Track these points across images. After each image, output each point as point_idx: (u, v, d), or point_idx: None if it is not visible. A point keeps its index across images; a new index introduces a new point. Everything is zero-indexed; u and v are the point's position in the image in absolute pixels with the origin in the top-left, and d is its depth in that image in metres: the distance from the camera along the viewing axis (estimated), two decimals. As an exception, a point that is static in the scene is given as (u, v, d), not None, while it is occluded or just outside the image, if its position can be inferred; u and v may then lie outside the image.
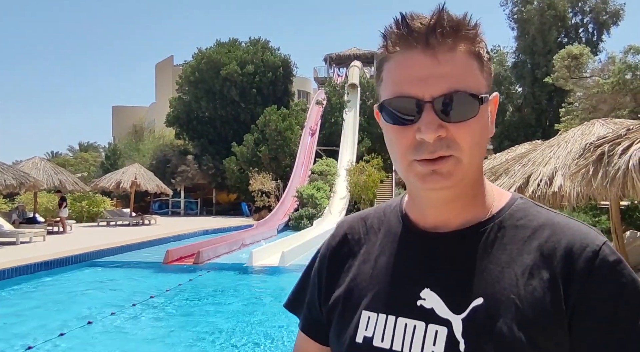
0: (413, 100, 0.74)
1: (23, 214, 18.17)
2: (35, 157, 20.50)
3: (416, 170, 0.76)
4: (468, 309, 0.75)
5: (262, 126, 28.54)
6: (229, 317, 7.25)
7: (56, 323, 6.64)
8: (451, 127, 0.74)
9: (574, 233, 0.76)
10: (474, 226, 0.81)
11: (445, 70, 0.73)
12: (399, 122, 0.76)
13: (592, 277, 0.72)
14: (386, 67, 0.78)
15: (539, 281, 0.74)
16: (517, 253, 0.77)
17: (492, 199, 0.84)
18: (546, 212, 0.82)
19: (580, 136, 7.91)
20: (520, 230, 0.79)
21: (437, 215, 0.82)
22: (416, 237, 0.85)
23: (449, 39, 0.74)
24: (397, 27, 0.75)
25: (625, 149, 5.17)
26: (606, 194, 5.53)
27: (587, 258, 0.73)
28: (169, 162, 32.08)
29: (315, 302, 0.94)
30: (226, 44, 34.52)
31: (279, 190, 26.14)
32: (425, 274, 0.80)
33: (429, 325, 0.77)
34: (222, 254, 13.21)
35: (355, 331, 0.82)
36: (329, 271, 0.93)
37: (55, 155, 54.26)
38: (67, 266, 11.06)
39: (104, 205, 25.25)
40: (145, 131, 43.06)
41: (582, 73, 17.41)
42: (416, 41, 0.74)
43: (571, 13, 28.22)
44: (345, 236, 0.94)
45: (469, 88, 0.74)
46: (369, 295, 0.84)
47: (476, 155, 0.77)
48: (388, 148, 0.81)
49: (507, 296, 0.74)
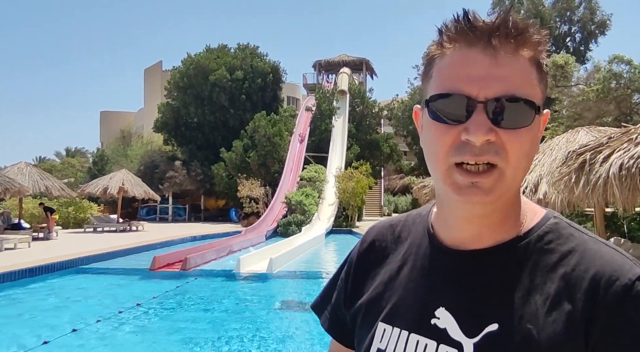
0: (465, 98, 0.69)
1: (8, 220, 17.97)
2: (21, 163, 20.30)
3: (454, 178, 0.70)
4: (482, 334, 0.71)
5: (251, 132, 28.51)
6: (216, 324, 7.22)
7: (40, 331, 6.57)
8: (502, 133, 0.68)
9: (605, 263, 0.69)
10: (500, 246, 0.76)
11: (504, 73, 0.68)
12: (446, 121, 0.71)
13: (616, 316, 0.65)
14: (437, 64, 0.73)
15: (560, 313, 0.68)
16: (541, 280, 0.72)
17: (525, 216, 0.78)
18: (580, 234, 0.75)
19: (565, 144, 8.02)
20: (548, 254, 0.73)
21: (465, 230, 0.77)
22: (439, 252, 0.81)
23: (512, 41, 0.69)
24: (457, 23, 0.70)
25: (606, 157, 5.26)
26: (588, 201, 5.60)
27: (616, 293, 0.65)
28: (157, 168, 31.92)
29: (341, 306, 0.94)
30: (215, 49, 34.49)
31: (267, 196, 26.10)
32: (442, 292, 0.77)
33: (440, 345, 0.74)
34: (210, 261, 13.15)
35: (371, 342, 0.82)
36: (355, 277, 0.92)
37: (42, 160, 53.75)
38: (53, 273, 10.94)
39: (90, 211, 25.03)
40: (134, 137, 42.83)
41: (568, 82, 17.64)
42: (478, 39, 0.69)
43: (559, 22, 28.58)
44: (373, 243, 0.93)
45: (526, 95, 0.69)
46: (387, 307, 0.83)
47: (521, 170, 0.71)
48: (426, 151, 0.75)
49: (524, 325, 0.69)
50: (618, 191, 4.82)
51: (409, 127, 33.22)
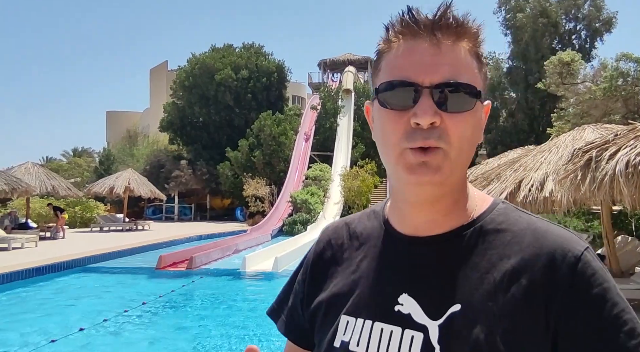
0: (412, 84, 0.73)
1: (15, 220, 18.09)
2: (28, 163, 20.42)
3: (407, 159, 0.74)
4: (445, 316, 0.74)
5: (257, 131, 28.54)
6: (222, 322, 7.24)
7: (47, 330, 6.61)
8: (446, 117, 0.73)
9: (556, 239, 0.75)
10: (454, 231, 0.80)
11: (447, 60, 0.73)
12: (396, 107, 0.75)
13: (575, 284, 0.71)
14: (385, 58, 0.78)
15: (517, 287, 0.72)
16: (497, 259, 0.75)
17: (475, 204, 0.83)
18: (527, 216, 0.80)
19: (571, 141, 7.95)
20: (501, 235, 0.78)
21: (418, 217, 0.81)
22: (396, 241, 0.84)
23: (453, 33, 0.74)
24: (402, 18, 0.76)
25: (613, 154, 5.22)
26: (594, 199, 5.57)
27: (569, 265, 0.72)
28: (162, 168, 32.01)
29: (298, 308, 0.94)
30: (220, 49, 34.54)
31: (272, 195, 26.14)
32: (404, 279, 0.79)
33: (405, 330, 0.76)
34: (216, 260, 13.19)
35: (334, 335, 0.82)
36: (312, 276, 0.93)
37: (49, 160, 54.02)
38: (59, 272, 11.02)
39: (97, 210, 25.16)
40: (139, 136, 42.95)
41: (574, 79, 17.54)
42: (421, 31, 0.74)
43: (565, 20, 28.41)
44: (329, 242, 0.94)
45: (468, 80, 0.74)
46: (349, 300, 0.83)
47: (464, 153, 0.76)
48: (379, 138, 0.79)
49: (484, 303, 0.73)
50: (625, 189, 4.79)
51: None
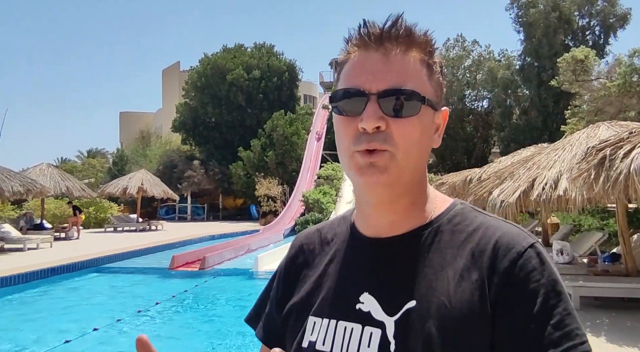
0: (360, 91, 0.78)
1: (30, 221, 18.30)
2: (42, 164, 20.65)
3: (356, 161, 0.79)
4: (401, 312, 0.78)
5: (269, 131, 28.59)
6: (234, 322, 7.25)
7: (62, 330, 6.68)
8: (391, 122, 0.77)
9: (503, 234, 0.79)
10: (413, 231, 0.84)
11: (394, 68, 0.78)
12: (346, 113, 0.80)
13: (512, 277, 0.74)
14: (344, 68, 0.84)
15: (468, 282, 0.76)
16: (452, 257, 0.80)
17: (434, 205, 0.87)
18: (483, 216, 0.85)
19: (586, 139, 7.86)
20: (457, 234, 0.82)
21: (379, 219, 0.85)
22: (360, 243, 0.88)
23: (402, 43, 0.79)
24: (357, 31, 0.81)
25: (627, 152, 5.14)
26: (607, 198, 5.49)
27: (511, 258, 0.75)
28: (175, 168, 32.20)
29: (273, 313, 0.97)
30: (232, 49, 34.67)
31: (285, 195, 26.16)
32: (366, 279, 0.84)
33: (365, 327, 0.80)
34: (228, 260, 13.24)
35: (302, 337, 0.85)
36: (285, 281, 0.96)
37: (63, 161, 54.59)
38: (74, 272, 11.12)
39: (110, 211, 25.38)
40: (152, 137, 43.27)
41: (588, 76, 17.32)
42: (373, 43, 0.79)
43: (578, 16, 28.06)
44: (301, 247, 0.98)
45: (413, 87, 0.78)
46: (317, 302, 0.87)
47: (413, 156, 0.80)
48: (337, 144, 0.84)
49: (438, 298, 0.76)
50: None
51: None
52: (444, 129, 0.88)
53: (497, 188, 8.12)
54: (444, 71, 0.86)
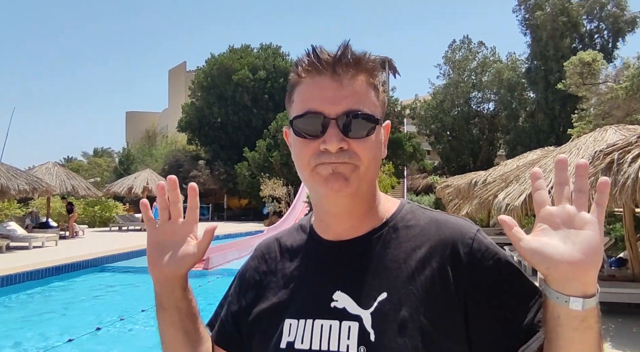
0: (320, 116, 0.85)
1: (36, 219, 18.38)
2: (49, 163, 20.72)
3: (319, 172, 0.86)
4: (375, 304, 0.85)
5: (274, 132, 28.61)
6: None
7: (65, 329, 6.68)
8: (351, 142, 0.85)
9: (453, 226, 0.91)
10: (372, 232, 0.93)
11: (347, 93, 0.86)
12: (306, 136, 0.87)
13: (473, 259, 0.86)
14: (297, 90, 0.90)
15: (430, 270, 0.86)
16: (410, 249, 0.89)
17: (386, 207, 0.96)
18: (429, 212, 0.96)
19: (593, 143, 7.80)
20: (411, 229, 0.92)
21: (340, 225, 0.93)
22: (324, 247, 0.95)
23: (352, 69, 0.86)
24: (308, 57, 0.88)
25: (635, 157, 5.09)
26: (615, 202, 5.44)
27: (466, 245, 0.87)
28: (180, 167, 32.31)
29: (229, 318, 1.02)
30: (238, 50, 34.74)
31: (289, 196, 26.15)
32: (335, 279, 0.91)
33: (343, 322, 0.86)
34: (232, 260, 13.20)
35: (280, 338, 0.90)
36: (248, 289, 1.01)
37: (69, 160, 54.83)
38: (78, 271, 11.14)
39: (116, 210, 25.45)
40: (158, 136, 43.41)
41: (596, 79, 17.23)
42: (324, 68, 0.86)
43: (586, 20, 27.95)
44: (262, 256, 1.04)
45: (367, 110, 0.86)
46: (290, 305, 0.93)
47: (371, 169, 0.89)
48: (295, 161, 0.91)
49: (406, 287, 0.85)
50: (648, 192, 4.67)
51: (431, 126, 32.90)
52: (387, 141, 0.97)
53: (502, 191, 8.08)
54: (387, 89, 0.91)
